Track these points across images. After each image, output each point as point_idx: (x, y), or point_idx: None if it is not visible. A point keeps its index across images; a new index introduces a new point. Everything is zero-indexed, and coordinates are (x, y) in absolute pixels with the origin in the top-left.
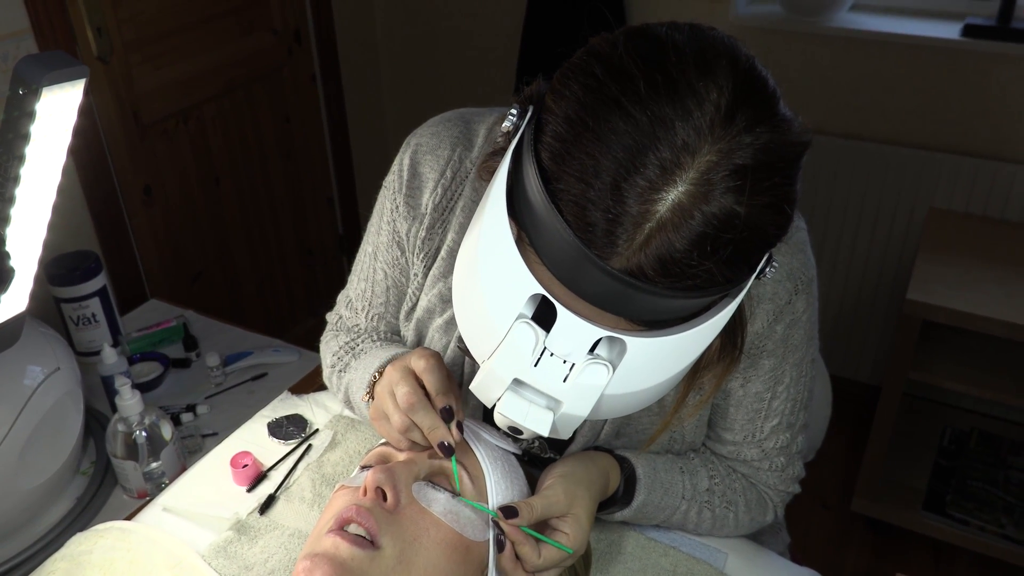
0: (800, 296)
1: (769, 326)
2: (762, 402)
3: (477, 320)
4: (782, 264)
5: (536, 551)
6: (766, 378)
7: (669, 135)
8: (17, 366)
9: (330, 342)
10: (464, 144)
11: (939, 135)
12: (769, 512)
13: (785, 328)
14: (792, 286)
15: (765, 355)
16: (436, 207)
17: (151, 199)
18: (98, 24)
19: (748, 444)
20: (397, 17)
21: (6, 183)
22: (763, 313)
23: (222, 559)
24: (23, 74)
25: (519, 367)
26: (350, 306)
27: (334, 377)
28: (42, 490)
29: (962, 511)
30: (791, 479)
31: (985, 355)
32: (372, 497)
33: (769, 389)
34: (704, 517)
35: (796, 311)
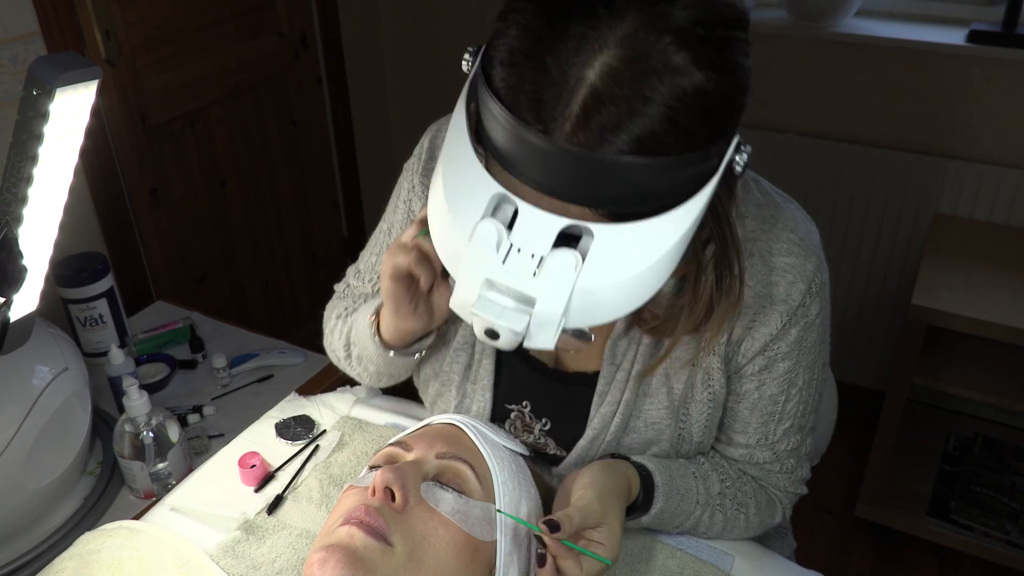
0: (815, 300)
1: (783, 328)
2: (776, 405)
3: (448, 235)
4: (792, 267)
5: (578, 564)
6: (780, 381)
7: (594, 10)
8: (26, 366)
9: (335, 304)
10: None
11: (944, 140)
12: (778, 513)
13: (800, 331)
14: (805, 288)
15: (780, 358)
16: None
17: (157, 201)
18: (106, 27)
19: (761, 447)
20: (403, 22)
21: (19, 183)
22: (776, 315)
23: (230, 559)
24: (37, 75)
25: (488, 266)
26: (358, 276)
27: (339, 324)
28: (49, 490)
29: (966, 517)
30: (799, 481)
31: (990, 360)
32: (381, 497)
33: (783, 392)
34: (716, 520)
35: (810, 315)
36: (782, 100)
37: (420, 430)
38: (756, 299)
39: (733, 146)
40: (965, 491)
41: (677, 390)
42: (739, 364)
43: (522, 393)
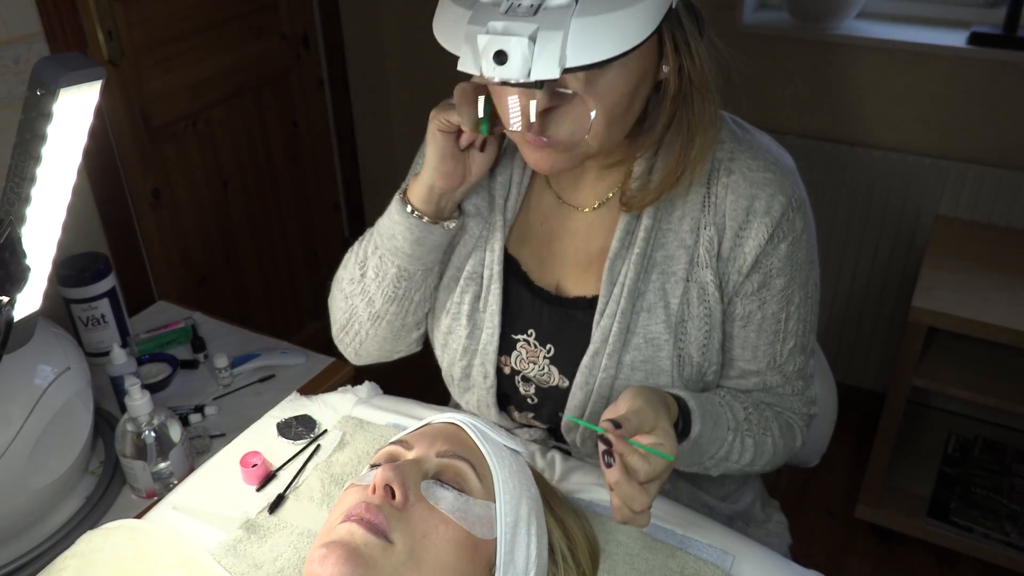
0: (797, 214)
1: (771, 243)
2: (779, 323)
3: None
4: (771, 180)
5: (645, 460)
6: (779, 298)
7: None
8: (28, 365)
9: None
10: None
11: (945, 143)
12: (797, 436)
13: (789, 246)
14: (786, 200)
15: (775, 274)
16: None
17: (159, 202)
18: (109, 27)
19: (771, 371)
20: (404, 23)
21: (23, 183)
22: (762, 227)
23: (232, 557)
24: (41, 75)
25: (492, 17)
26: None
27: (354, 248)
28: (52, 489)
29: (966, 518)
30: (810, 401)
31: (990, 362)
32: (381, 495)
33: (783, 309)
34: (747, 445)
35: (796, 229)
36: (783, 102)
37: (421, 429)
38: (740, 212)
39: None
40: (965, 493)
41: (674, 305)
42: (736, 284)
43: (527, 322)
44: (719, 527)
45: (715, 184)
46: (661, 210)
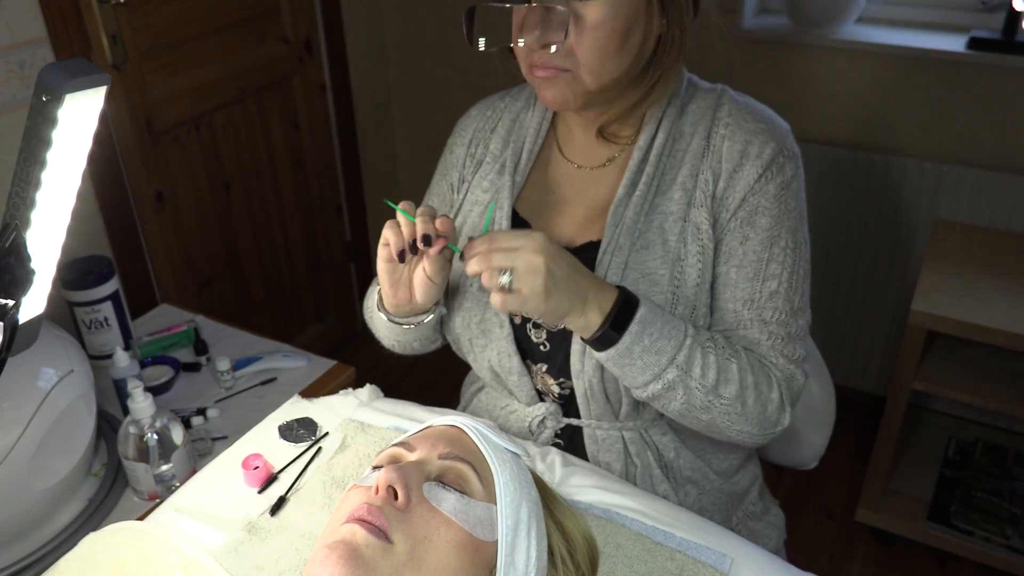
0: (788, 162)
1: (759, 182)
2: (760, 262)
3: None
4: (764, 130)
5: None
6: (763, 237)
7: None
8: (31, 368)
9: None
10: (498, 101)
11: (945, 147)
12: (773, 388)
13: (777, 188)
14: (777, 147)
15: (760, 212)
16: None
17: (162, 205)
18: (113, 32)
19: (748, 310)
20: (406, 28)
21: (28, 187)
22: (752, 169)
23: (233, 559)
24: (47, 81)
25: None
26: None
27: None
28: (55, 491)
29: (967, 522)
30: (792, 359)
31: (990, 366)
32: (383, 496)
33: (766, 249)
34: (709, 362)
35: (786, 175)
36: (783, 106)
37: (423, 431)
38: (735, 155)
39: None
40: (966, 496)
41: (671, 243)
42: (724, 220)
43: None
44: (718, 530)
45: (715, 136)
46: (664, 160)
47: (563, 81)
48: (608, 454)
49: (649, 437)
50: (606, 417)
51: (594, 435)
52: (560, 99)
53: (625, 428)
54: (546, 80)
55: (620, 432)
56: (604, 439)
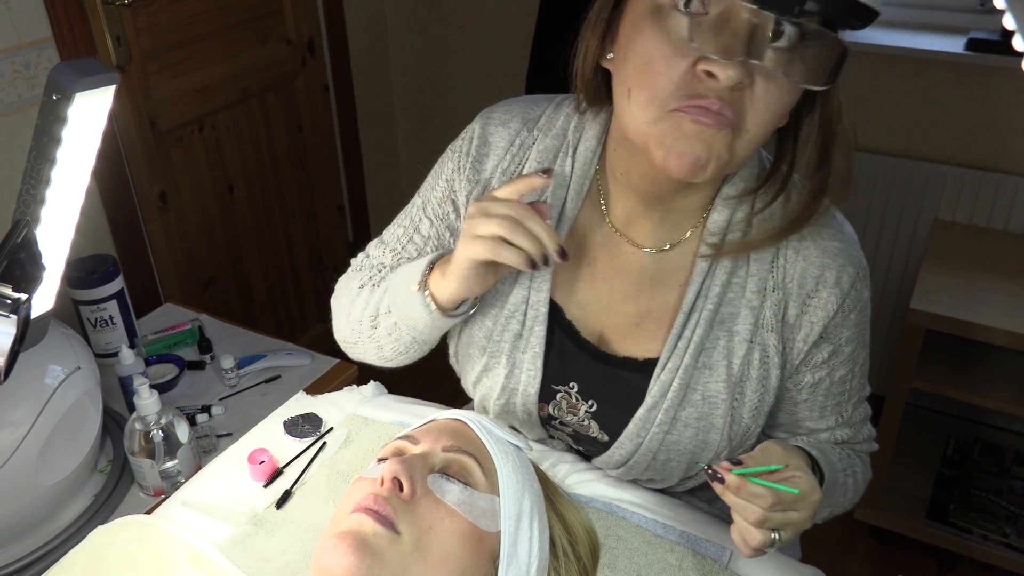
0: (863, 284)
1: (840, 314)
2: (845, 384)
3: None
4: (841, 251)
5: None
6: (847, 362)
7: None
8: (39, 365)
9: (352, 276)
10: (531, 121)
11: (943, 148)
12: (868, 469)
13: (857, 316)
14: (854, 272)
15: (846, 342)
16: (504, 172)
17: (166, 205)
18: (117, 33)
19: (840, 427)
20: (408, 29)
21: (38, 185)
22: (830, 298)
23: (239, 551)
24: (57, 80)
25: None
26: (380, 246)
27: (362, 294)
28: (61, 487)
29: (965, 520)
30: (870, 438)
31: (989, 365)
32: (390, 487)
33: (850, 371)
34: (849, 484)
35: (863, 299)
36: None
37: (427, 425)
38: (809, 280)
39: None
40: (964, 494)
41: (735, 365)
42: (801, 352)
43: (569, 374)
44: (718, 523)
45: (785, 247)
46: (733, 266)
47: (720, 138)
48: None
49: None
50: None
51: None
52: (702, 161)
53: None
54: (703, 128)
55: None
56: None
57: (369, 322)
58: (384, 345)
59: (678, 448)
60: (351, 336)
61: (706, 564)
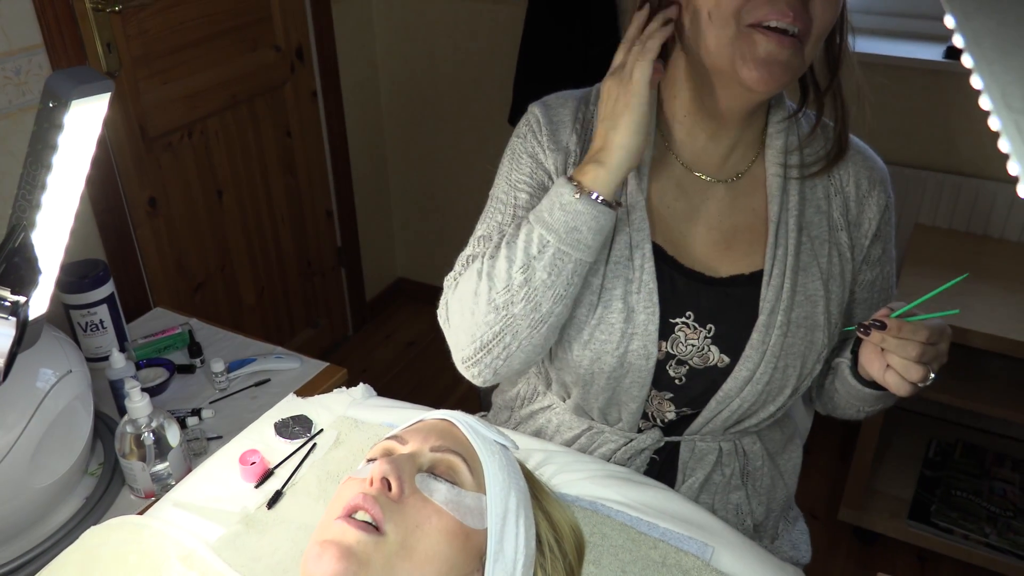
0: (891, 187)
1: (887, 209)
2: (888, 279)
3: None
4: (874, 157)
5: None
6: (888, 259)
7: None
8: (31, 368)
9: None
10: (583, 99)
11: (924, 153)
12: None
13: (893, 215)
14: (888, 176)
15: (887, 240)
16: (578, 144)
17: (156, 210)
18: (108, 40)
19: None
20: (396, 36)
21: (34, 190)
22: (880, 196)
23: (231, 551)
24: (54, 88)
25: None
26: (481, 240)
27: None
28: (53, 489)
29: (947, 520)
30: None
31: (970, 368)
32: (378, 487)
33: (890, 267)
34: None
35: (893, 199)
36: None
37: (415, 425)
38: (863, 181)
39: None
40: (946, 495)
41: (823, 264)
42: (863, 247)
43: (684, 305)
44: (701, 519)
45: None
46: (799, 181)
47: (790, 50)
48: (699, 463)
49: (742, 447)
50: (711, 434)
51: (692, 447)
52: (779, 74)
53: (724, 439)
54: (776, 46)
55: (719, 443)
56: (701, 450)
57: (521, 275)
58: (541, 299)
59: (793, 351)
60: (492, 323)
61: (688, 560)
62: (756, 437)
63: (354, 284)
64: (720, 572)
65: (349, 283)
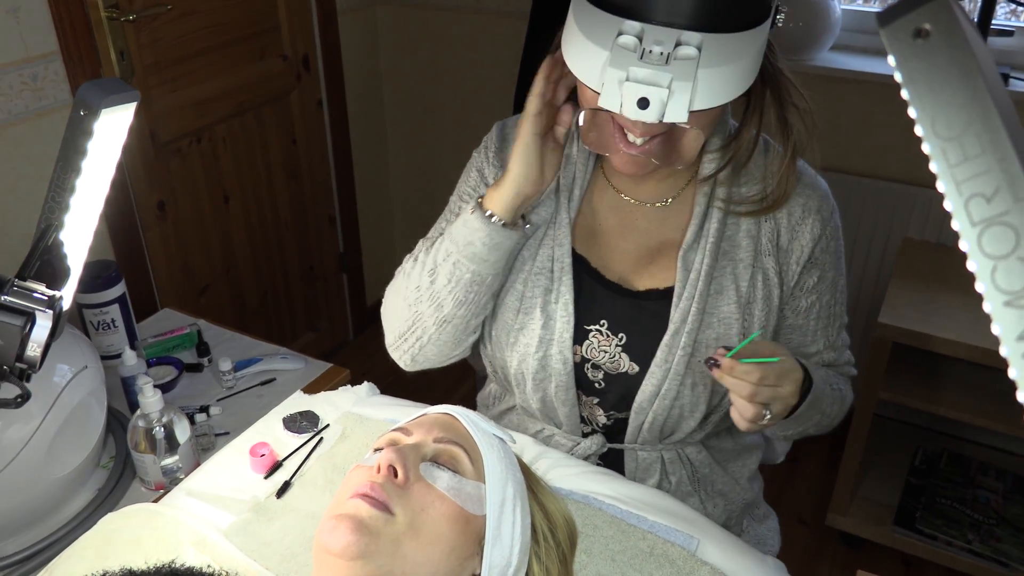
0: (835, 214)
1: (823, 237)
2: (831, 308)
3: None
4: (818, 184)
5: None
6: (829, 286)
7: None
8: (48, 364)
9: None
10: None
11: (913, 169)
12: (849, 390)
13: (835, 242)
14: (830, 205)
15: (827, 268)
16: None
17: (164, 214)
18: (121, 48)
19: (828, 350)
20: (400, 47)
21: (63, 193)
22: (815, 223)
23: (242, 537)
24: (85, 98)
25: (630, 62)
26: (425, 241)
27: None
28: (67, 480)
29: (931, 527)
30: (850, 362)
31: (953, 378)
32: (385, 474)
33: (832, 296)
34: (835, 397)
35: (836, 223)
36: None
37: (419, 418)
38: (796, 208)
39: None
40: (931, 503)
41: (743, 288)
42: (794, 275)
43: (599, 313)
44: (687, 513)
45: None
46: (727, 204)
47: (650, 155)
48: (646, 472)
49: (685, 455)
50: (650, 442)
51: (635, 456)
52: (640, 169)
53: (665, 449)
54: (631, 161)
55: (660, 453)
56: (644, 460)
57: (428, 278)
58: (443, 300)
59: (702, 371)
60: (406, 317)
61: (675, 551)
62: (701, 446)
63: (355, 289)
64: (704, 562)
65: (350, 288)
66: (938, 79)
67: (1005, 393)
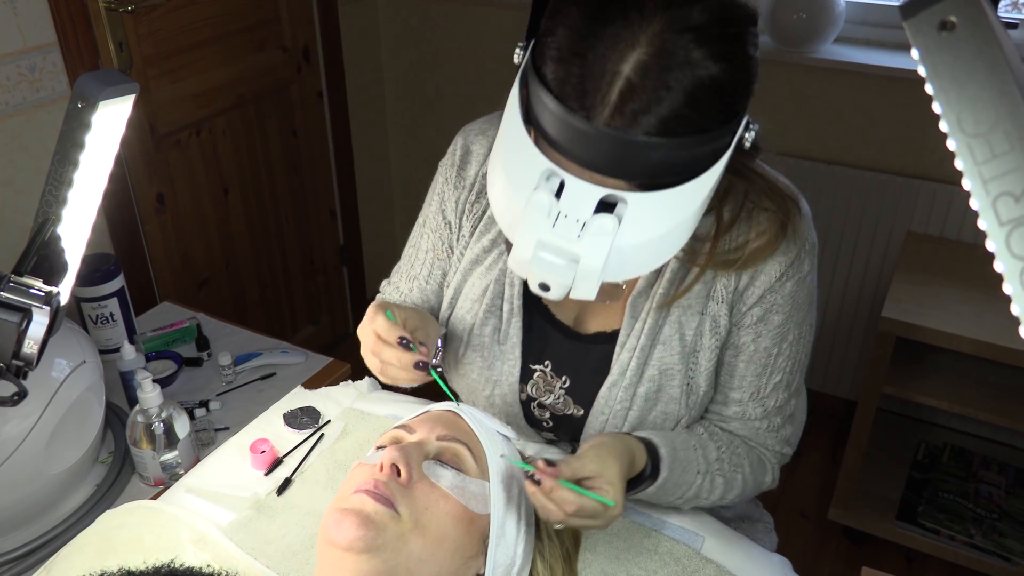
0: (807, 258)
1: (779, 280)
2: (769, 357)
3: (507, 205)
4: (799, 237)
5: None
6: (774, 333)
7: (628, 14)
8: (46, 358)
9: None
10: None
11: (917, 163)
12: (768, 473)
13: (794, 285)
14: (799, 245)
15: (775, 310)
16: (485, 176)
17: (163, 207)
18: (120, 39)
19: (753, 402)
20: (401, 39)
21: (61, 186)
22: (775, 265)
23: (242, 534)
24: (83, 89)
25: (541, 229)
26: (397, 271)
27: None
28: (66, 476)
29: (933, 521)
30: (785, 440)
31: (956, 372)
32: (388, 472)
33: (776, 345)
34: (717, 484)
35: (803, 271)
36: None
37: (422, 415)
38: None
39: (743, 125)
40: (933, 497)
41: (688, 337)
42: (739, 312)
43: (544, 353)
44: (693, 511)
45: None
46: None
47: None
48: None
49: None
50: None
51: None
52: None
53: None
54: None
55: None
56: None
57: None
58: None
59: (645, 423)
60: None
61: (679, 549)
62: None
63: (356, 282)
64: (710, 560)
65: (351, 281)
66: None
67: (1008, 387)
